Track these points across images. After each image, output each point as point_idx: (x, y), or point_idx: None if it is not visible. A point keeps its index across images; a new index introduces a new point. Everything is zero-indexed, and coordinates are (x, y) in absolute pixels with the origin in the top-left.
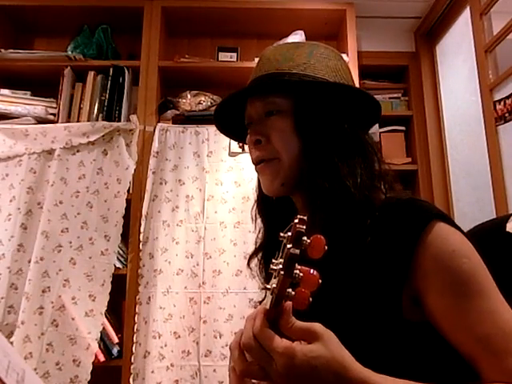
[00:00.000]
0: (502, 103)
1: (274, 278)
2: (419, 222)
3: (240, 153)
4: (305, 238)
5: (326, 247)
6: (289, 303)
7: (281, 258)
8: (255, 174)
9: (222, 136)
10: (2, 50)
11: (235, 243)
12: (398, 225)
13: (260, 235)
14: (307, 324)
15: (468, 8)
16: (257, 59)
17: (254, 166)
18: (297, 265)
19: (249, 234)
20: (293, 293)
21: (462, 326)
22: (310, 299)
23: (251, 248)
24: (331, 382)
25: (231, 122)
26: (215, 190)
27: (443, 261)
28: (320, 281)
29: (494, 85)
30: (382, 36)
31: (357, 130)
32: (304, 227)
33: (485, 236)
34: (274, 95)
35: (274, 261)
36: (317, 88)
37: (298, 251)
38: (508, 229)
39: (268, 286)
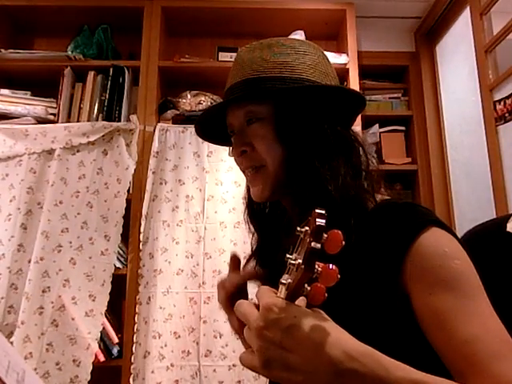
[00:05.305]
0: (502, 103)
1: (288, 273)
2: (415, 224)
3: None
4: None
5: (344, 242)
6: (303, 298)
7: (296, 252)
8: None
9: None
10: (2, 50)
11: (235, 243)
12: (393, 226)
13: (253, 240)
14: None
15: (468, 8)
16: None
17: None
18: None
19: (249, 233)
20: (308, 288)
21: (449, 325)
22: (326, 295)
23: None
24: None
25: (214, 127)
26: (215, 190)
27: (435, 259)
28: (339, 276)
29: (494, 85)
30: (382, 36)
31: (338, 128)
32: (324, 221)
33: (485, 236)
34: (251, 104)
35: (288, 256)
36: (295, 91)
37: (319, 245)
38: (508, 229)
39: (283, 281)
